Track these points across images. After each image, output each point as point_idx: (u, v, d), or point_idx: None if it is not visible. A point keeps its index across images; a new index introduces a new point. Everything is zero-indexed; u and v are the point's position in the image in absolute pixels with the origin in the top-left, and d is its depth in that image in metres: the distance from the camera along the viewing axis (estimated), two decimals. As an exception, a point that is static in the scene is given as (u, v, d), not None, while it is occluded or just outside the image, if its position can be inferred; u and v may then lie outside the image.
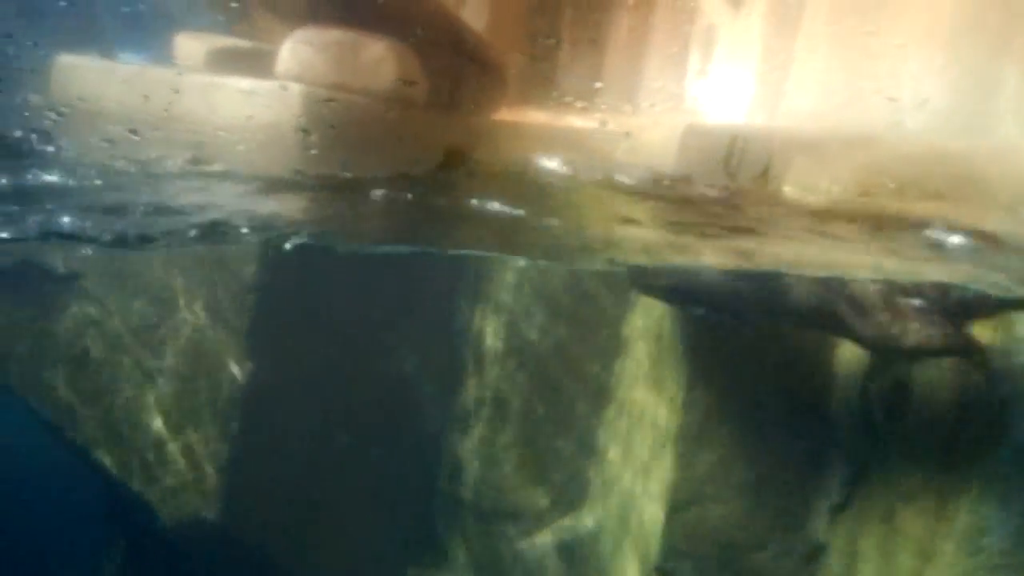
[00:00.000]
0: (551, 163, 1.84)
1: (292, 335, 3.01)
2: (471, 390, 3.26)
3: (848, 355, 2.18)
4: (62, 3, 1.98)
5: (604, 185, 1.85)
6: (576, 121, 2.38)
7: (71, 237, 1.75)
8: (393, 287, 3.12)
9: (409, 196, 1.73)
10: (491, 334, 3.20)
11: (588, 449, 3.14)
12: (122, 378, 2.96)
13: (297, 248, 1.83)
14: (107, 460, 2.93)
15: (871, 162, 1.70)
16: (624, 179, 1.85)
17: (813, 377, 2.26)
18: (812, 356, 2.26)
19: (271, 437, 3.03)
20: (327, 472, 3.19)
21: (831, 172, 1.70)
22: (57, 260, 2.99)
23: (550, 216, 1.77)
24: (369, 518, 3.41)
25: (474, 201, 1.71)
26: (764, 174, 1.76)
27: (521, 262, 3.04)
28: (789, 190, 1.70)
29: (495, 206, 1.70)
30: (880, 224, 1.64)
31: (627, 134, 2.11)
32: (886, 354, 2.02)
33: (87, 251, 2.91)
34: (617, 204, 1.87)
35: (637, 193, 1.87)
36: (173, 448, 2.95)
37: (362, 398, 3.22)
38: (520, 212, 1.72)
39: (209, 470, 2.98)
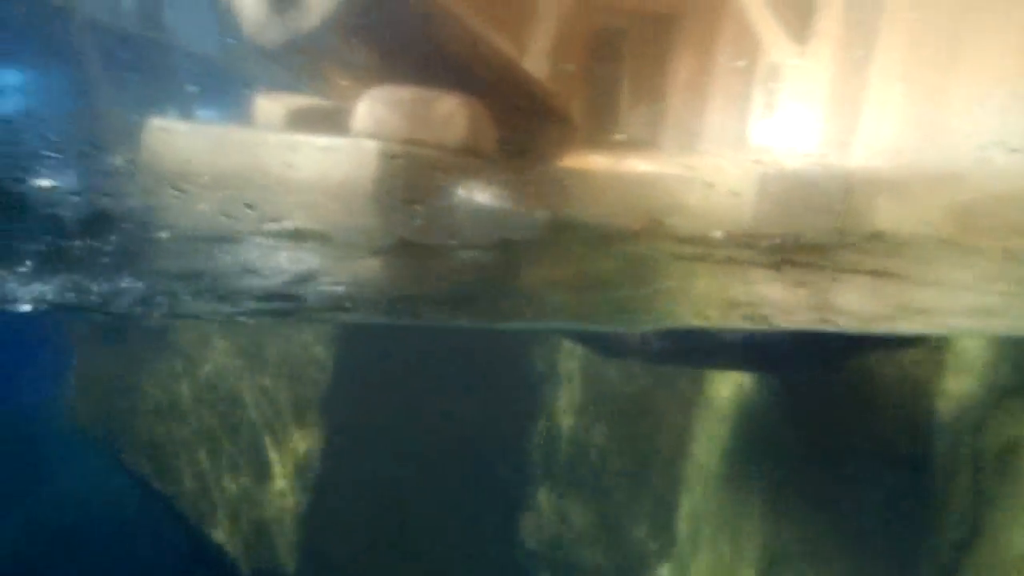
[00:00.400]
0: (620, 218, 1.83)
1: (371, 392, 3.05)
2: (547, 444, 3.24)
3: (952, 406, 2.08)
4: (140, 68, 2.09)
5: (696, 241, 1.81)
6: (640, 166, 2.38)
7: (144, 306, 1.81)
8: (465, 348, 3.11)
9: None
10: (568, 389, 3.18)
11: (669, 505, 3.07)
12: (207, 431, 3.03)
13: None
14: (191, 511, 2.99)
15: (961, 200, 1.64)
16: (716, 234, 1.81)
17: (912, 430, 2.16)
18: (910, 406, 2.16)
19: (351, 492, 3.05)
20: (406, 529, 3.18)
21: (918, 211, 1.64)
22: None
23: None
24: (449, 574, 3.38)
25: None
26: (851, 216, 1.72)
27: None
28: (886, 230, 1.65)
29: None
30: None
31: (699, 179, 2.10)
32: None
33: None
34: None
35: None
36: (255, 501, 3.00)
37: (441, 453, 3.22)
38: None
39: (290, 523, 3.01)
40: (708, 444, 2.75)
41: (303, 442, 2.94)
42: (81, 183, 2.00)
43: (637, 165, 2.36)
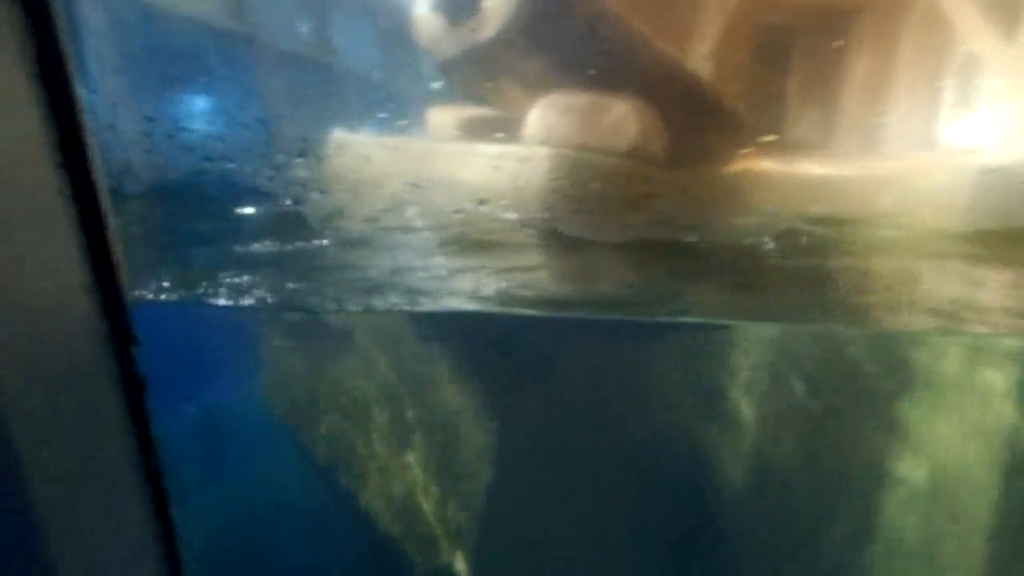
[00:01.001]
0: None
1: (547, 399, 3.06)
2: (733, 458, 3.13)
3: None
4: (317, 87, 2.22)
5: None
6: (816, 168, 2.27)
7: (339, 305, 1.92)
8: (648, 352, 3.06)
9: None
10: (755, 400, 3.06)
11: (867, 529, 2.87)
12: (384, 429, 3.17)
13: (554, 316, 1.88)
14: (367, 507, 3.14)
15: None
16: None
17: None
18: None
19: (526, 499, 3.08)
20: (576, 537, 3.18)
21: None
22: (331, 315, 3.29)
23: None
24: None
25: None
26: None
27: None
28: None
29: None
30: None
31: (884, 180, 1.97)
32: None
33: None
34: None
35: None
36: (428, 501, 3.10)
37: (613, 463, 3.19)
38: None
39: (463, 525, 3.08)
40: (914, 458, 2.56)
41: (478, 447, 3.01)
42: (271, 192, 2.15)
43: (813, 168, 2.25)
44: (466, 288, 1.75)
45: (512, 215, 1.88)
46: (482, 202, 1.89)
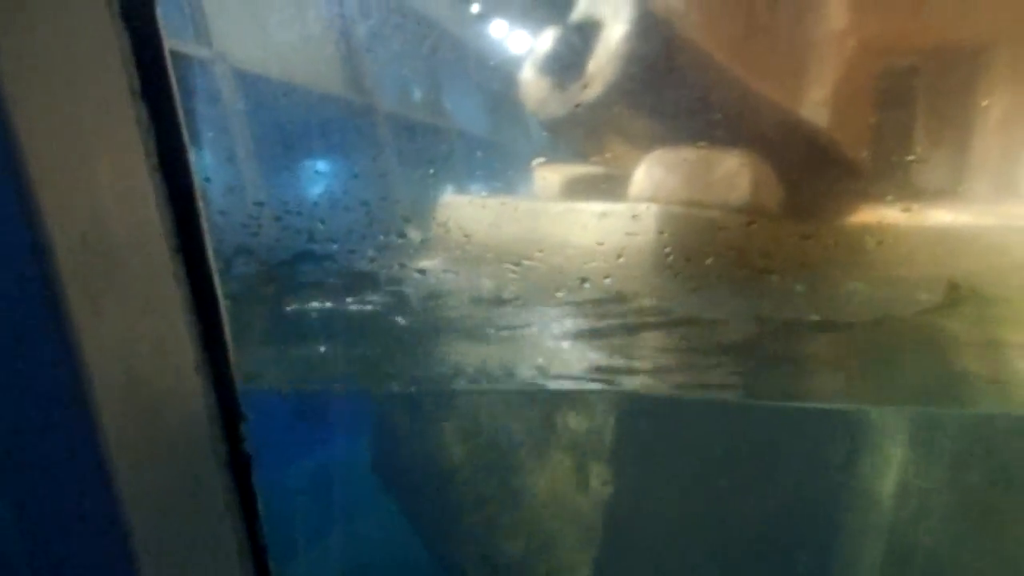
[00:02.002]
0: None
1: (661, 468, 2.94)
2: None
3: None
4: (428, 150, 2.28)
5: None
6: (945, 218, 2.10)
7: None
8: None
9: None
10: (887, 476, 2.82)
11: None
12: (487, 497, 3.16)
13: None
14: (469, 573, 3.11)
15: None
16: None
17: None
18: None
19: (635, 569, 2.97)
20: None
21: None
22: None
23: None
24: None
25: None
26: None
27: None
28: None
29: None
30: None
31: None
32: None
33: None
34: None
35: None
36: (540, 570, 3.03)
37: (727, 542, 3.01)
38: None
39: None
40: None
41: (584, 514, 2.92)
42: (382, 258, 2.20)
43: (941, 217, 2.08)
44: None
45: (618, 273, 1.84)
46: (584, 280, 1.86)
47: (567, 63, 2.00)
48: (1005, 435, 2.55)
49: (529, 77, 2.10)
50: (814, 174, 2.11)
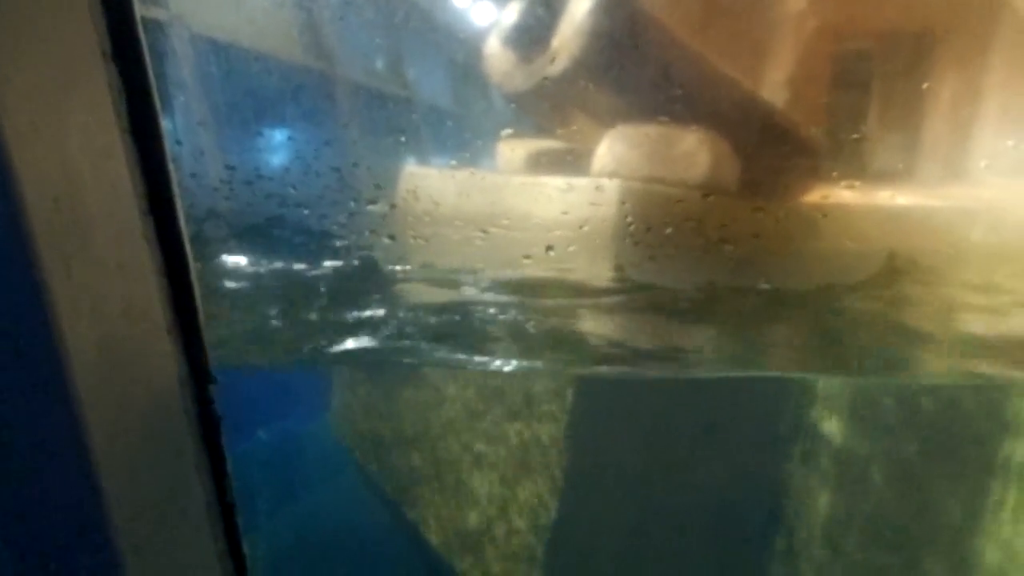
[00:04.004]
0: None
1: (613, 438, 3.02)
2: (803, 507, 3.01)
3: None
4: (391, 121, 2.27)
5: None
6: (899, 199, 2.18)
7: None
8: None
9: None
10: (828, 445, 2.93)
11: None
12: (451, 462, 3.20)
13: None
14: (433, 539, 3.16)
15: None
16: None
17: None
18: None
19: (589, 534, 3.04)
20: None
21: None
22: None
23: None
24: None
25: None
26: None
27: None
28: None
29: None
30: None
31: (972, 211, 1.87)
32: None
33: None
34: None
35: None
36: (497, 533, 3.09)
37: (682, 506, 3.09)
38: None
39: (533, 557, 3.06)
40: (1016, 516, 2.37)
41: (545, 480, 2.99)
42: (343, 227, 2.20)
43: (893, 198, 2.16)
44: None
45: (578, 247, 1.88)
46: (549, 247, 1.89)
47: (532, 36, 2.01)
48: (943, 403, 2.68)
49: (494, 50, 2.11)
50: (771, 153, 2.16)
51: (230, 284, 2.00)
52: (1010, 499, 2.48)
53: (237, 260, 2.04)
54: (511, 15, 2.00)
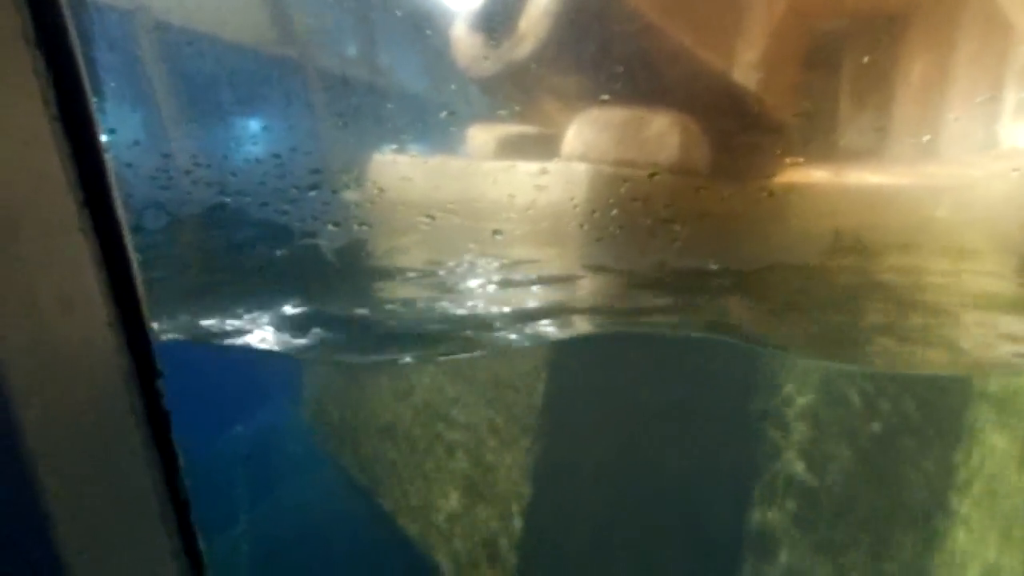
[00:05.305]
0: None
1: (586, 417, 3.02)
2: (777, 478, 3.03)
3: None
4: (363, 108, 2.24)
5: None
6: (870, 178, 2.19)
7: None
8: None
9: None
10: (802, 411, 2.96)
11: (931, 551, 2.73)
12: (423, 450, 3.19)
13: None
14: (409, 527, 3.15)
15: None
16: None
17: None
18: None
19: (564, 517, 3.05)
20: (623, 554, 3.12)
21: None
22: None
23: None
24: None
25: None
26: None
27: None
28: None
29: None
30: None
31: (941, 189, 1.88)
32: None
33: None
34: None
35: None
36: (468, 521, 3.09)
37: (657, 483, 3.12)
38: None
39: (503, 544, 3.07)
40: (983, 481, 2.40)
41: (519, 463, 2.98)
42: (315, 214, 2.17)
43: (864, 177, 2.17)
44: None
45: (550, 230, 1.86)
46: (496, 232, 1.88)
47: (499, 20, 1.98)
48: (893, 384, 2.71)
49: (461, 34, 2.08)
50: (742, 135, 2.16)
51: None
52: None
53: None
54: (477, -2, 1.97)
